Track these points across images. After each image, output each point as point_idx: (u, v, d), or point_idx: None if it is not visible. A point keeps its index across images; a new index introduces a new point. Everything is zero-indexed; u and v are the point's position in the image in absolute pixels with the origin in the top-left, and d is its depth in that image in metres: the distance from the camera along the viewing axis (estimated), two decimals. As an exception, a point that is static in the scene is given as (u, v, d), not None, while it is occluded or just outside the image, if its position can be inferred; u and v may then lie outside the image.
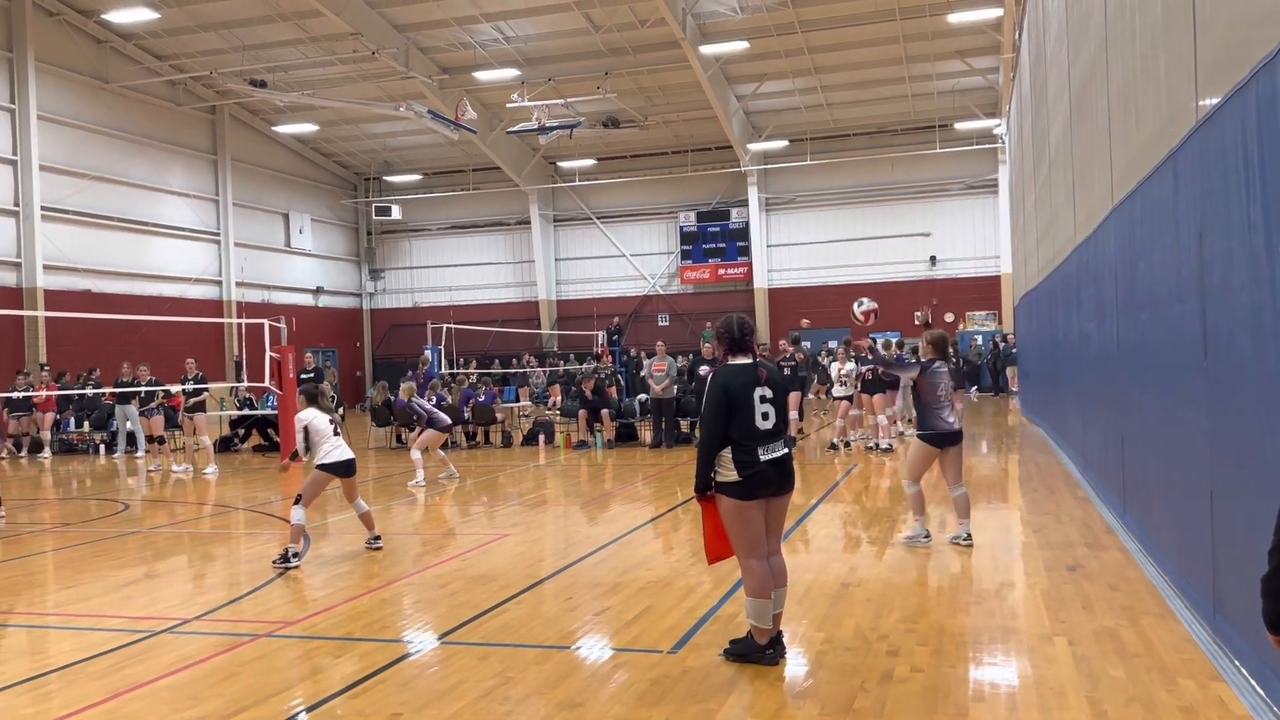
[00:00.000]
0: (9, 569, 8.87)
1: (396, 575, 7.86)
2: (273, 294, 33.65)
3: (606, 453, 17.48)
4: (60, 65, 26.18)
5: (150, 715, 4.69)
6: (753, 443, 5.08)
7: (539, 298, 37.06)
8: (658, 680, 4.97)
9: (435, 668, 5.36)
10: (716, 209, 35.66)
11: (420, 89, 28.51)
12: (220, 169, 31.81)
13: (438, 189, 37.40)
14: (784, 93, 31.20)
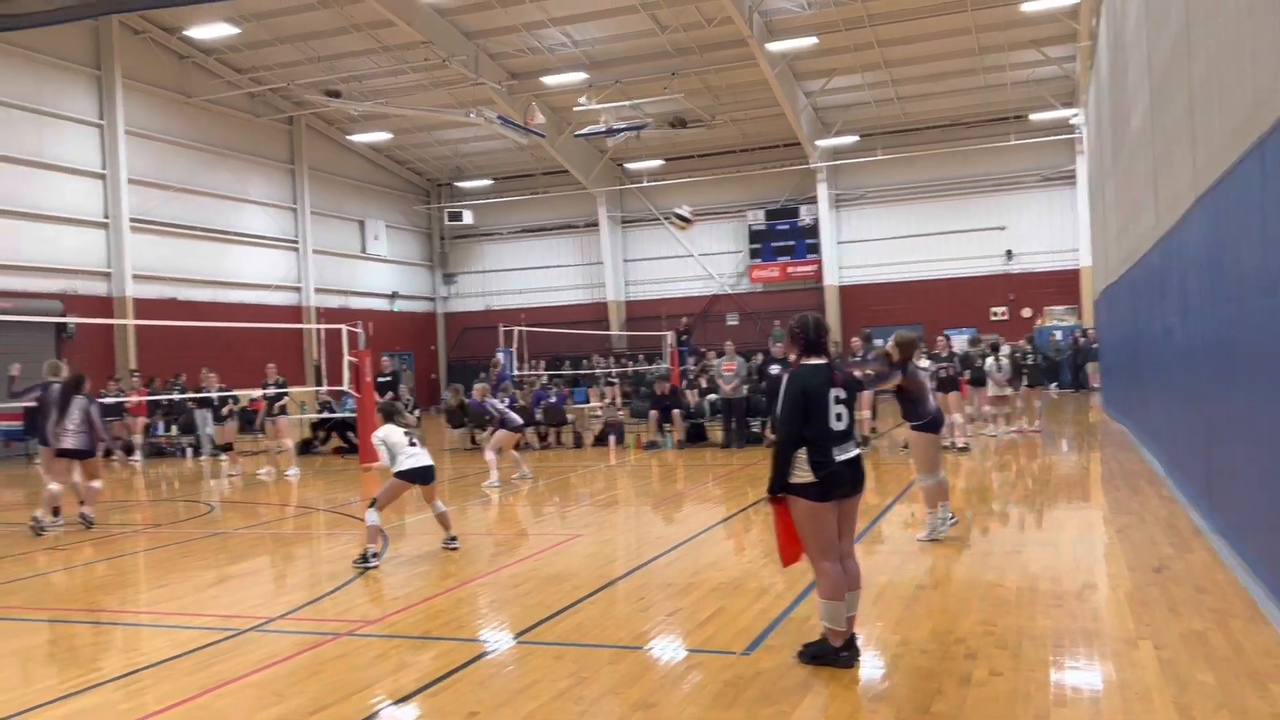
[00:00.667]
0: (104, 568, 9.22)
1: (472, 575, 7.98)
2: (350, 299, 34.39)
3: (677, 453, 17.50)
4: (146, 81, 27.10)
5: (238, 711, 4.85)
6: (827, 443, 5.05)
7: (608, 299, 37.24)
8: (731, 682, 4.97)
9: (511, 667, 5.44)
10: (785, 206, 35.43)
11: (490, 95, 28.88)
12: (298, 178, 32.62)
13: (508, 193, 37.83)
14: (853, 87, 30.87)
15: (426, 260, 39.79)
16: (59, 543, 10.51)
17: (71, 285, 24.84)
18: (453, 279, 40.03)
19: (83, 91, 25.55)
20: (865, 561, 6.98)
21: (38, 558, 9.72)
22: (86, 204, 25.48)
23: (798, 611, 6.24)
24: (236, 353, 25.70)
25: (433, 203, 39.27)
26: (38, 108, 24.17)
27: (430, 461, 8.84)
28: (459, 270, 39.99)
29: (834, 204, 34.61)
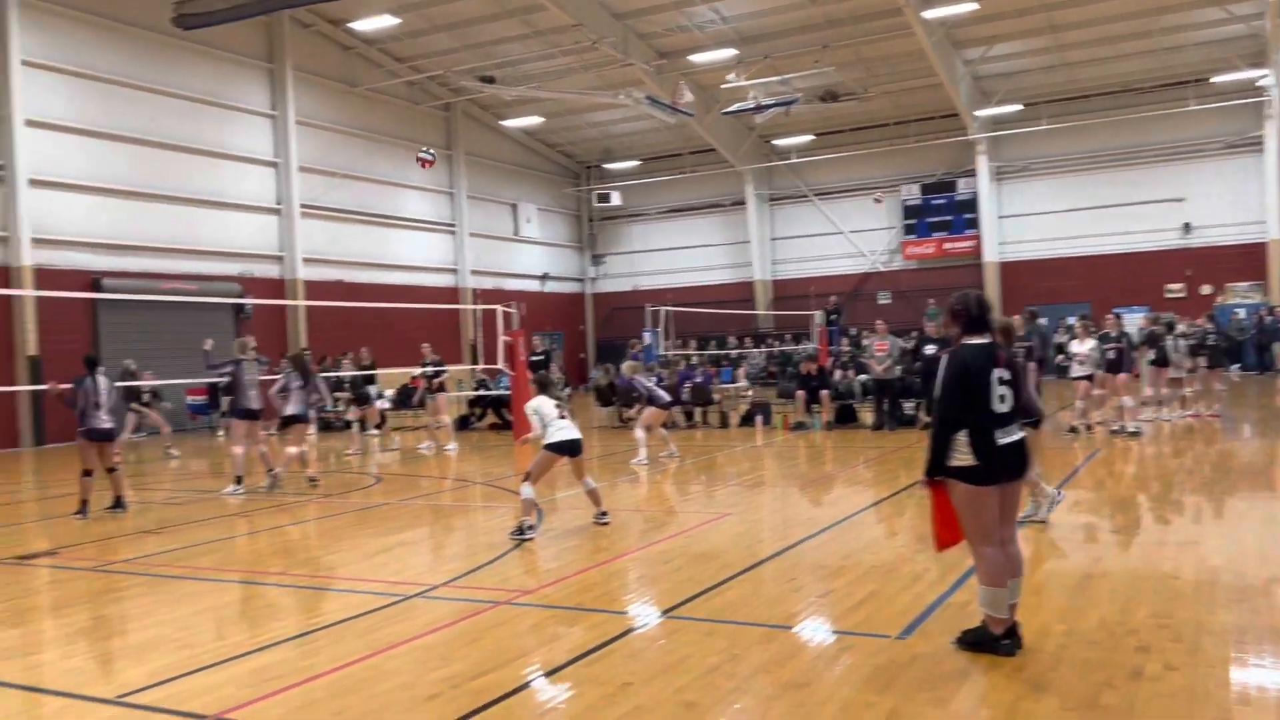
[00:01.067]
0: (282, 535, 9.83)
1: (622, 550, 8.11)
2: (503, 280, 35.32)
3: (825, 434, 17.27)
4: (313, 72, 28.45)
5: (407, 672, 5.09)
6: (990, 425, 4.88)
7: (754, 278, 36.97)
8: (885, 665, 4.89)
9: (662, 641, 5.51)
10: (942, 180, 34.27)
11: (639, 75, 29.02)
12: (454, 163, 33.66)
13: (655, 173, 37.97)
14: (1016, 54, 29.53)
15: (575, 242, 40.44)
16: (246, 509, 11.25)
17: (248, 268, 26.42)
18: (601, 260, 40.56)
19: (257, 84, 27.04)
20: (1028, 549, 6.74)
21: (229, 523, 10.44)
22: (261, 191, 27.01)
23: (955, 597, 6.08)
24: (398, 333, 26.80)
25: (582, 185, 39.84)
26: (218, 101, 25.73)
27: (578, 435, 9.01)
28: (607, 251, 40.48)
29: (995, 177, 33.25)
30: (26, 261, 21.09)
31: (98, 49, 22.95)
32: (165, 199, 24.22)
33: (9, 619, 6.70)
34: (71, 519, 10.57)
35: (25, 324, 21.00)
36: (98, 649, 5.84)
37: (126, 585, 7.54)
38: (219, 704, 4.66)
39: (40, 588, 7.75)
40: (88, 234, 22.54)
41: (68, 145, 22.26)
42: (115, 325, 22.51)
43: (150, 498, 12.60)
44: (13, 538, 10.05)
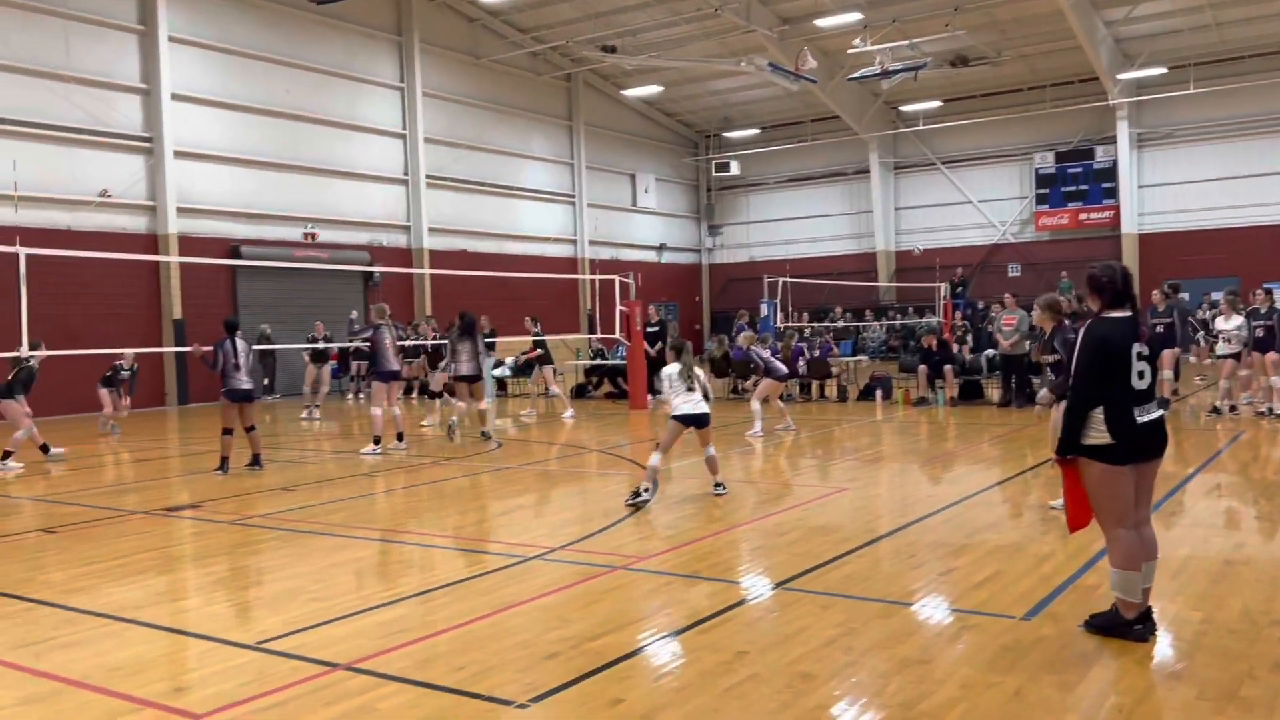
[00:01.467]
0: (407, 496, 10.16)
1: (738, 521, 8.10)
2: (620, 251, 35.51)
3: (949, 411, 16.84)
4: (439, 45, 29.01)
5: (527, 631, 5.21)
6: (1128, 403, 4.67)
7: (877, 249, 36.18)
8: (1009, 646, 4.76)
9: (778, 612, 5.49)
10: (1078, 148, 32.79)
11: (761, 42, 28.60)
12: (574, 134, 33.90)
13: (776, 142, 37.44)
14: (1162, 14, 27.90)
15: (693, 212, 40.30)
16: (375, 470, 11.68)
17: (376, 238, 27.25)
18: (718, 230, 40.32)
19: (385, 57, 27.74)
20: (1164, 534, 6.46)
21: (358, 483, 10.86)
22: (389, 162, 27.77)
23: (1084, 580, 5.87)
24: (519, 302, 27.26)
25: (700, 154, 39.61)
26: (349, 73, 26.51)
27: (705, 409, 8.99)
28: (724, 221, 40.21)
29: (1136, 143, 31.63)
30: (172, 229, 22.24)
31: (237, 24, 23.91)
32: (299, 169, 25.16)
33: (157, 566, 7.13)
34: (212, 474, 11.16)
35: (171, 289, 22.19)
36: (237, 597, 6.17)
37: (263, 539, 7.93)
38: (349, 654, 4.87)
39: (185, 538, 8.22)
40: (227, 203, 23.62)
41: (209, 118, 23.32)
42: (252, 291, 23.59)
43: (286, 457, 13.20)
44: (160, 491, 10.67)
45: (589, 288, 32.51)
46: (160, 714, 4.19)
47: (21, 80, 20.10)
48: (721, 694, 4.23)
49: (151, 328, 21.89)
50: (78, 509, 9.46)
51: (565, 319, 29.87)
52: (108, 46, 21.59)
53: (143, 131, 22.09)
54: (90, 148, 21.22)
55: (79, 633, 5.41)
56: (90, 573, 6.86)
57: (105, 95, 21.46)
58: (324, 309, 23.82)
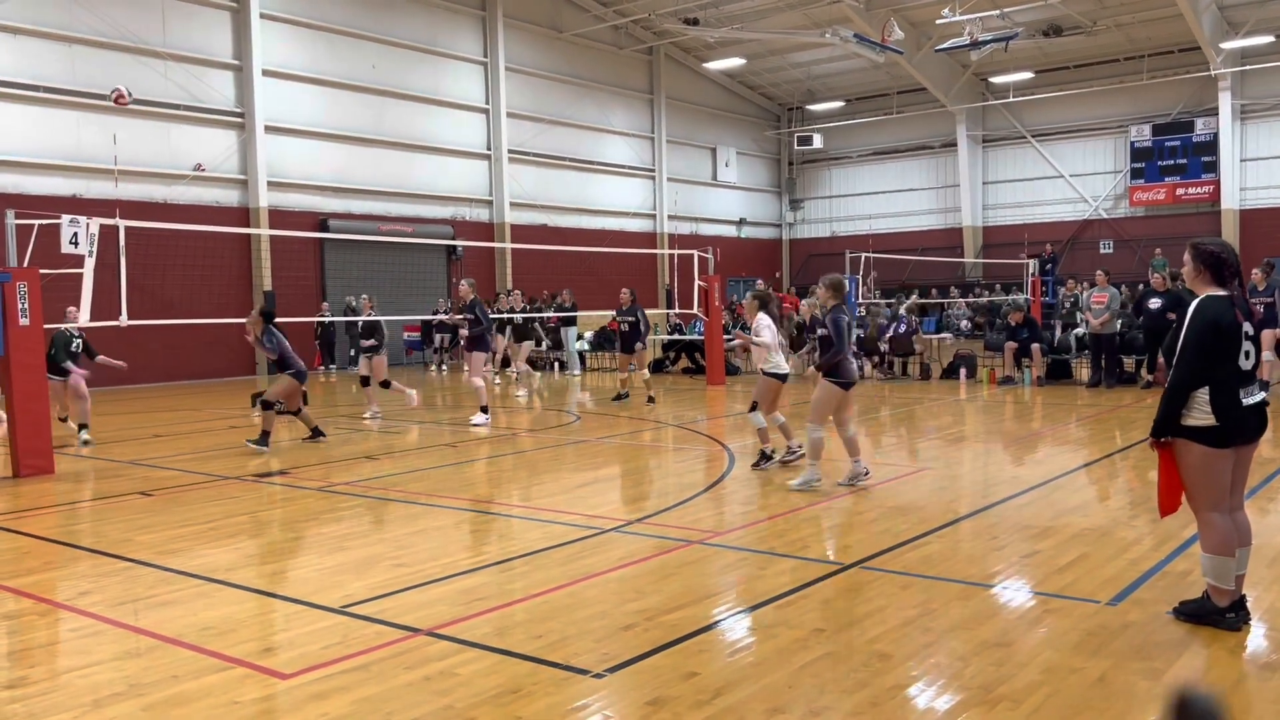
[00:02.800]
0: (489, 466, 10.32)
1: (817, 499, 8.03)
2: (700, 226, 35.35)
3: (1035, 390, 16.44)
4: (522, 19, 29.12)
5: (603, 602, 5.26)
6: (1235, 384, 4.50)
7: (963, 224, 35.36)
8: (1094, 631, 4.65)
9: (855, 591, 5.44)
10: (1177, 120, 31.53)
11: (846, 13, 28.06)
12: (655, 108, 33.77)
13: (860, 114, 36.77)
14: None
15: (774, 186, 39.88)
16: (456, 439, 11.89)
17: (459, 211, 27.60)
18: (799, 205, 39.84)
19: (469, 32, 27.95)
20: (1260, 521, 6.24)
21: (439, 453, 11.07)
22: (472, 137, 28.04)
23: (1173, 565, 5.69)
24: (599, 276, 27.37)
25: (782, 128, 39.11)
26: (433, 48, 26.80)
27: (787, 369, 9.36)
28: (806, 196, 39.71)
29: (1239, 115, 30.29)
30: (263, 203, 22.84)
31: (326, 1, 24.32)
32: (384, 144, 25.58)
33: (247, 530, 7.38)
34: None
35: (262, 261, 22.81)
36: (323, 562, 6.35)
37: (348, 505, 8.14)
38: (430, 619, 4.98)
39: (274, 503, 8.48)
40: (315, 177, 24.15)
41: (298, 93, 23.83)
42: (339, 263, 24.14)
43: (368, 425, 13.50)
44: (250, 457, 11.02)
45: (668, 262, 32.48)
46: (249, 673, 4.34)
47: (120, 57, 20.79)
48: (797, 671, 4.22)
49: (244, 299, 22.56)
50: (173, 473, 9.83)
51: (644, 293, 29.84)
52: (202, 24, 22.19)
53: (235, 107, 22.69)
54: (185, 123, 21.88)
55: (174, 592, 5.63)
56: (184, 535, 7.13)
57: (200, 71, 22.08)
58: (409, 282, 24.27)
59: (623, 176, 32.79)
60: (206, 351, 21.78)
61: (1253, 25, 28.28)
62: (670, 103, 34.18)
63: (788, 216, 40.02)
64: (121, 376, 13.95)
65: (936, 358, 20.00)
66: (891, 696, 3.96)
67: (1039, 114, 33.94)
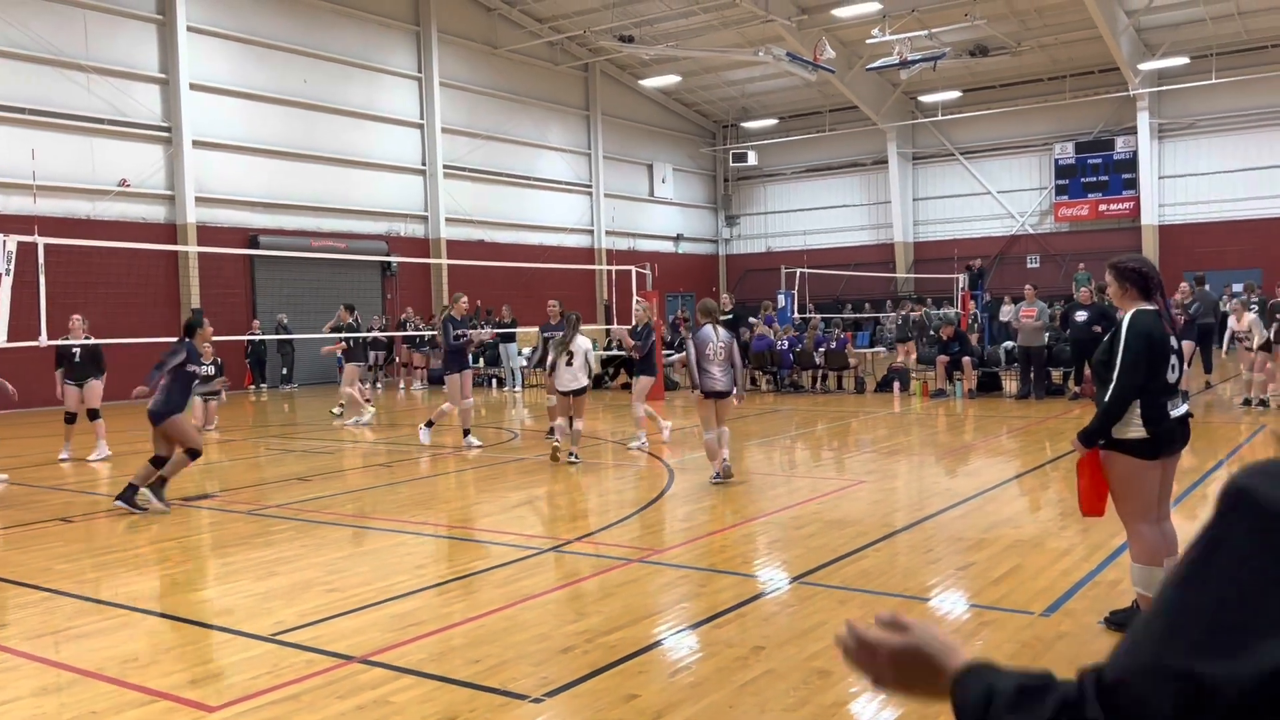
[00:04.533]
0: (423, 485, 10.16)
1: (754, 514, 8.06)
2: (637, 241, 35.43)
3: (967, 403, 16.74)
4: (457, 35, 28.96)
5: (542, 624, 5.19)
6: (1164, 397, 4.61)
7: (894, 240, 35.98)
8: (1028, 643, 4.71)
9: (794, 606, 5.45)
10: (1099, 139, 32.49)
11: (779, 31, 28.44)
12: (592, 124, 33.82)
13: (793, 132, 37.25)
14: (1185, 3, 27.58)
15: (710, 202, 40.17)
16: (389, 459, 11.69)
17: (394, 228, 27.28)
18: (735, 221, 40.19)
19: (403, 47, 27.72)
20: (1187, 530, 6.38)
21: (374, 473, 10.87)
22: (406, 152, 27.77)
23: (1104, 575, 5.81)
24: (536, 292, 27.23)
25: (718, 144, 39.46)
26: (366, 63, 26.51)
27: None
28: (741, 212, 40.07)
29: (1156, 134, 31.31)
30: (190, 219, 22.32)
31: (255, 14, 23.94)
32: (317, 159, 25.20)
33: (175, 556, 7.16)
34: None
35: (190, 278, 22.27)
36: (252, 588, 6.17)
37: (279, 529, 7.94)
38: (364, 646, 4.86)
39: (201, 528, 8.24)
40: (245, 193, 23.69)
41: (227, 107, 23.37)
42: (270, 280, 23.67)
43: (304, 446, 13.23)
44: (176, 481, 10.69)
45: (606, 278, 32.48)
46: (174, 706, 4.19)
47: (41, 70, 20.20)
48: (737, 690, 4.20)
49: (170, 317, 21.98)
50: (95, 498, 9.51)
51: (582, 309, 29.70)
52: (127, 36, 21.66)
53: (162, 121, 22.17)
54: (109, 137, 21.31)
55: (95, 623, 5.42)
56: (107, 562, 6.89)
57: (124, 85, 21.54)
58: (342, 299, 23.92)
59: (560, 192, 32.75)
60: (132, 372, 21.11)
61: (1168, 47, 29.31)
62: (607, 119, 34.26)
63: (724, 232, 40.33)
64: (48, 397, 13.49)
65: (871, 371, 20.29)
66: (832, 714, 3.96)
67: (967, 132, 34.73)
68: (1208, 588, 0.87)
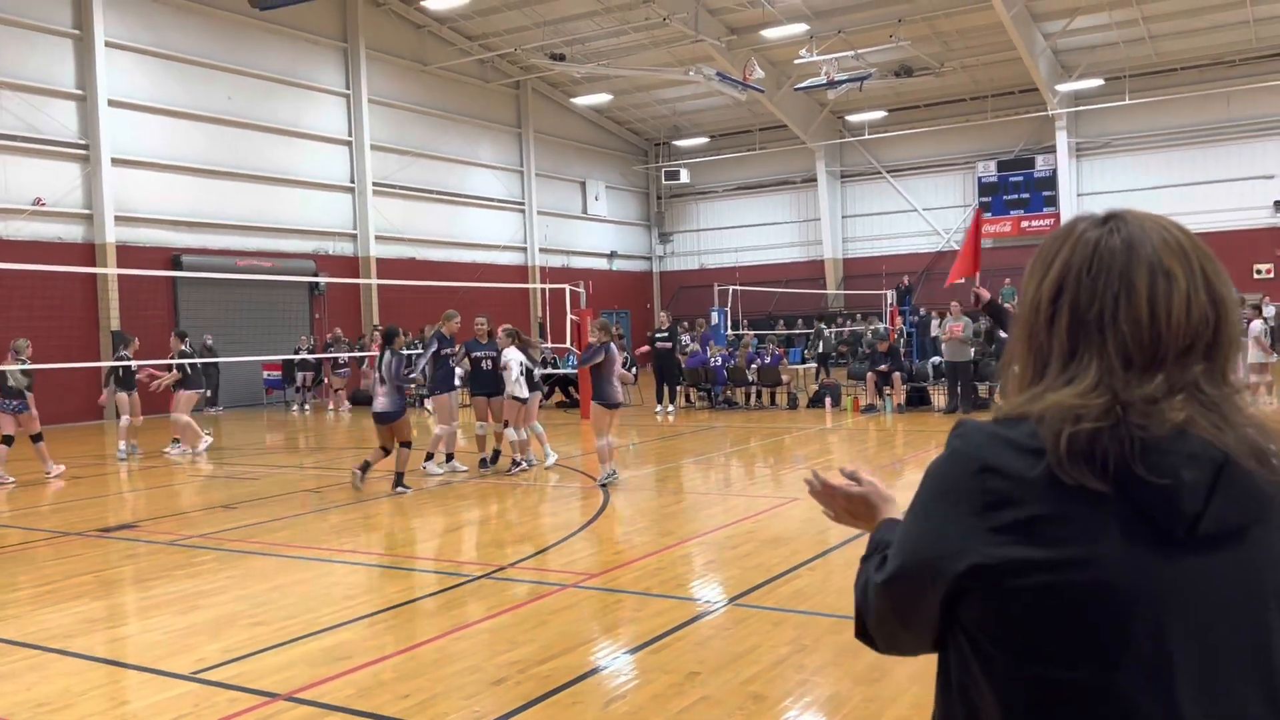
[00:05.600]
0: (353, 512, 9.95)
1: (689, 534, 8.05)
2: (571, 259, 35.38)
3: (897, 417, 16.99)
4: (386, 51, 28.69)
5: (474, 654, 5.10)
6: None
7: (825, 256, 36.48)
8: (960, 661, 4.75)
9: (730, 629, 5.44)
10: (1019, 157, 33.39)
11: (709, 52, 28.71)
12: (524, 141, 33.73)
13: (724, 150, 37.62)
14: (1099, 27, 28.53)
15: (644, 220, 40.32)
16: (320, 486, 11.45)
17: (322, 246, 26.84)
18: (669, 238, 40.39)
19: (331, 64, 27.36)
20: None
21: (301, 499, 10.63)
22: (335, 169, 27.38)
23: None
24: (469, 310, 26.93)
25: (650, 163, 39.66)
26: (293, 80, 26.09)
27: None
28: (675, 229, 40.29)
29: (1074, 153, 32.29)
30: (110, 239, 21.69)
31: (177, 30, 23.42)
32: (242, 177, 24.69)
33: (91, 591, 6.89)
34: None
35: (109, 299, 21.63)
36: (173, 624, 5.97)
37: (202, 560, 7.71)
38: (289, 683, 4.72)
39: (119, 561, 7.96)
40: (167, 211, 23.10)
41: (148, 125, 22.79)
42: (194, 301, 23.08)
43: (228, 472, 12.89)
44: (94, 510, 10.35)
45: (540, 296, 32.35)
46: (89, 752, 4.02)
47: (-50, 85, 19.50)
48: (673, 718, 4.17)
49: (89, 340, 21.32)
50: (5, 530, 9.14)
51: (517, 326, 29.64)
52: (42, 51, 21.01)
53: (79, 138, 21.54)
54: (24, 155, 20.62)
55: (4, 665, 5.19)
56: (18, 599, 6.61)
57: (39, 101, 20.88)
58: (269, 319, 23.46)
59: (492, 210, 32.57)
60: (48, 397, 20.43)
61: (1085, 69, 30.28)
62: (539, 137, 34.21)
63: (658, 249, 40.49)
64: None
65: (803, 387, 20.49)
66: (767, 740, 3.95)
67: (893, 150, 35.42)
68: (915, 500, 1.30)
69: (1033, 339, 1.29)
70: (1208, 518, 1.16)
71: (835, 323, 33.53)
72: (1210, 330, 1.23)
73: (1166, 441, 1.16)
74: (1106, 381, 1.20)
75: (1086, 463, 1.16)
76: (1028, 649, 1.19)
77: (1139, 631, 1.15)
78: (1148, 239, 1.27)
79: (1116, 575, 1.16)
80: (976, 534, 1.20)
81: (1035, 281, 1.32)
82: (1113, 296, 1.23)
